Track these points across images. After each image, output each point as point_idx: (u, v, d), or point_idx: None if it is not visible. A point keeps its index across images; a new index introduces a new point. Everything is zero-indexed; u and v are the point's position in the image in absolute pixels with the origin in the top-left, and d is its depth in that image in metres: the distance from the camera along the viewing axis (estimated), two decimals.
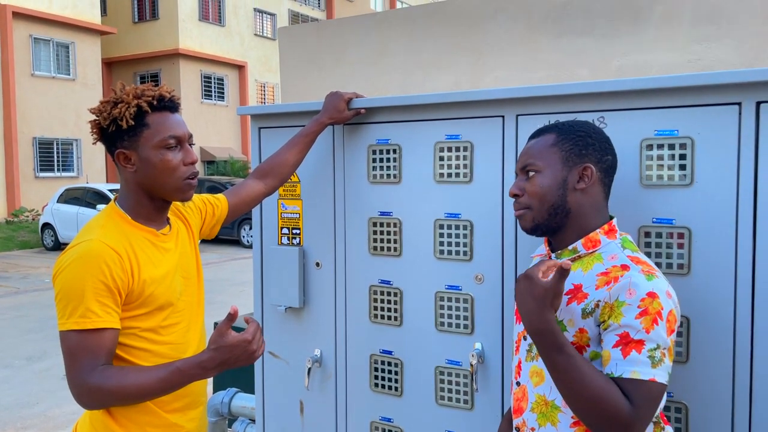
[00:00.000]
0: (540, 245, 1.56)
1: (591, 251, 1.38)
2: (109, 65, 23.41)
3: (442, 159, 1.86)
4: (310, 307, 2.13)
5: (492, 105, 1.78)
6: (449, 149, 1.85)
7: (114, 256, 1.44)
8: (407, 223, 1.93)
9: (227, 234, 14.41)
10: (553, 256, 1.44)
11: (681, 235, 1.55)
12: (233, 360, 1.39)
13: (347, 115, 1.96)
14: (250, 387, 2.46)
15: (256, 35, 25.77)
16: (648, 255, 1.56)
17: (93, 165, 19.85)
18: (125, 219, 1.55)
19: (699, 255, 1.53)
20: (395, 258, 1.95)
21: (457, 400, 1.88)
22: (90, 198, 14.05)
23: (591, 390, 1.20)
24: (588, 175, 1.38)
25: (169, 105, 1.56)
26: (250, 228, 14.47)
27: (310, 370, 2.09)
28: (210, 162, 23.03)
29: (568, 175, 1.38)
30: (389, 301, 1.97)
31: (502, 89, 1.75)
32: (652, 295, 1.24)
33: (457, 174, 1.84)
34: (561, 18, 2.28)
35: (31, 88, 18.23)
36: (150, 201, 1.58)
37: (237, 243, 14.73)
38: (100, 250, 1.43)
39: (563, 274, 1.20)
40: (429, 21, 2.58)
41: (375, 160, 1.98)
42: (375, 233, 1.98)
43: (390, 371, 1.99)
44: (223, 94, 24.56)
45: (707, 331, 1.53)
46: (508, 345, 1.79)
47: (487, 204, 1.80)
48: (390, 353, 1.99)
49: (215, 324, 1.83)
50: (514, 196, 1.44)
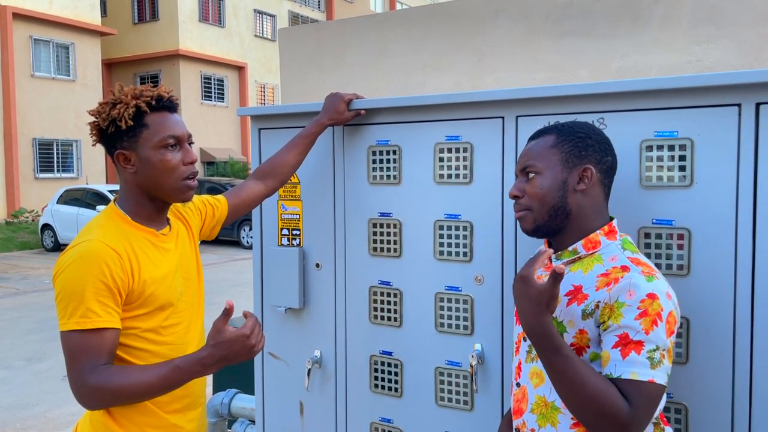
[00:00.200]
0: (540, 246, 1.56)
1: (591, 252, 1.38)
2: (109, 66, 23.42)
3: (442, 160, 1.86)
4: (310, 308, 2.13)
5: (492, 106, 1.78)
6: (449, 150, 1.85)
7: (114, 255, 1.44)
8: (407, 224, 1.93)
9: (227, 235, 14.42)
10: (553, 257, 1.44)
11: (681, 236, 1.55)
12: (233, 356, 1.39)
13: (347, 116, 1.96)
14: (250, 388, 2.46)
15: (256, 36, 25.79)
16: (648, 256, 1.56)
17: (93, 166, 19.85)
18: (125, 219, 1.55)
19: (699, 256, 1.53)
20: (395, 259, 1.95)
21: (457, 401, 1.88)
22: (90, 199, 14.06)
23: (589, 391, 1.20)
24: (588, 177, 1.37)
25: (168, 105, 1.56)
26: (249, 229, 14.47)
27: (310, 371, 2.09)
28: (210, 163, 23.03)
29: (568, 177, 1.38)
30: (389, 302, 1.97)
31: (502, 90, 1.75)
32: (652, 297, 1.24)
33: (457, 175, 1.84)
34: (561, 19, 2.28)
35: (31, 89, 18.23)
36: (150, 201, 1.58)
37: (237, 244, 14.73)
38: (99, 250, 1.43)
39: (557, 278, 1.19)
40: (429, 22, 2.58)
41: (375, 161, 1.98)
42: (375, 234, 1.98)
43: (390, 372, 1.99)
44: (223, 95, 24.57)
45: (707, 332, 1.53)
46: (507, 346, 1.79)
47: (487, 205, 1.80)
48: (390, 354, 1.99)
49: None
50: (514, 197, 1.44)
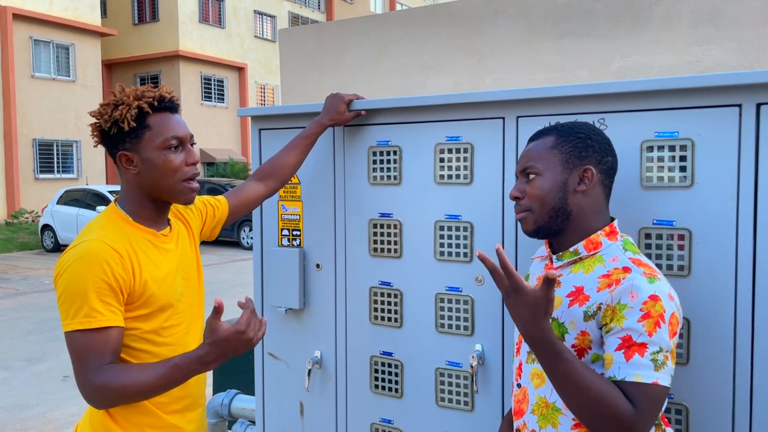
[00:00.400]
0: (541, 247, 1.56)
1: (592, 253, 1.37)
2: (109, 67, 23.42)
3: (442, 160, 1.86)
4: (310, 309, 2.13)
5: (492, 106, 1.78)
6: (450, 151, 1.85)
7: (115, 255, 1.44)
8: (407, 225, 1.93)
9: (227, 235, 14.42)
10: (554, 257, 1.44)
11: (681, 237, 1.55)
12: (231, 351, 1.37)
13: (347, 117, 1.96)
14: (250, 388, 2.46)
15: (256, 37, 25.79)
16: (648, 256, 1.56)
17: (93, 166, 19.85)
18: (126, 220, 1.55)
19: (699, 257, 1.53)
20: (395, 259, 1.95)
21: (458, 401, 1.88)
22: (90, 199, 14.06)
23: (592, 394, 1.20)
24: (588, 177, 1.37)
25: (170, 106, 1.56)
26: (250, 229, 14.47)
27: (310, 371, 2.09)
28: (210, 164, 23.03)
29: (568, 178, 1.37)
30: (389, 303, 1.97)
31: (502, 91, 1.75)
32: (654, 298, 1.24)
33: (458, 175, 1.84)
34: (561, 20, 2.28)
35: (31, 89, 18.23)
36: (151, 202, 1.58)
37: (237, 245, 14.72)
38: (100, 249, 1.43)
39: (550, 283, 1.18)
40: (429, 22, 2.58)
41: (375, 161, 1.98)
42: (375, 235, 1.98)
43: (390, 373, 1.99)
44: (223, 95, 24.57)
45: (708, 333, 1.53)
46: (508, 346, 1.79)
47: (488, 205, 1.80)
48: (390, 355, 1.99)
49: None
50: (514, 198, 1.44)
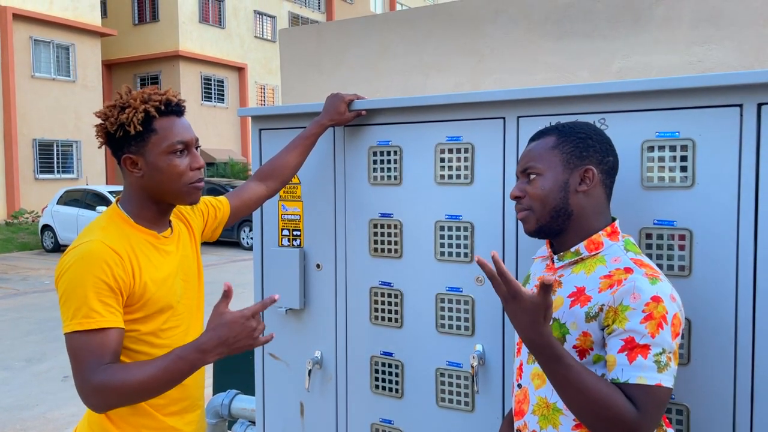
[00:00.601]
0: (542, 247, 1.56)
1: (593, 254, 1.37)
2: (109, 67, 23.42)
3: (443, 161, 1.86)
4: (310, 309, 2.13)
5: (493, 107, 1.78)
6: (450, 151, 1.85)
7: (115, 256, 1.43)
8: (408, 225, 1.93)
9: (227, 236, 14.41)
10: (555, 257, 1.43)
11: (682, 237, 1.55)
12: (232, 340, 1.35)
13: (348, 117, 1.96)
14: (250, 389, 2.46)
15: (256, 37, 25.79)
16: (649, 257, 1.56)
17: (93, 167, 19.84)
18: (127, 221, 1.55)
19: (700, 257, 1.53)
20: (396, 260, 1.95)
21: (458, 402, 1.87)
22: (90, 200, 14.05)
23: (594, 398, 1.20)
24: (590, 177, 1.37)
25: (176, 109, 1.55)
26: (250, 230, 14.47)
27: (310, 371, 2.09)
28: (210, 164, 23.02)
29: (569, 178, 1.37)
30: (390, 303, 1.97)
31: (503, 91, 1.75)
32: (656, 299, 1.23)
33: (458, 176, 1.84)
34: (561, 20, 2.28)
35: (31, 89, 18.23)
36: (154, 204, 1.57)
37: (237, 245, 14.72)
38: (100, 250, 1.42)
39: (547, 289, 1.18)
40: (429, 23, 2.58)
41: (376, 161, 1.97)
42: (376, 235, 1.98)
43: (390, 373, 1.98)
44: (223, 96, 24.57)
45: (708, 333, 1.53)
46: (508, 347, 1.79)
47: (488, 206, 1.80)
48: (390, 355, 1.98)
49: None
50: (515, 198, 1.44)
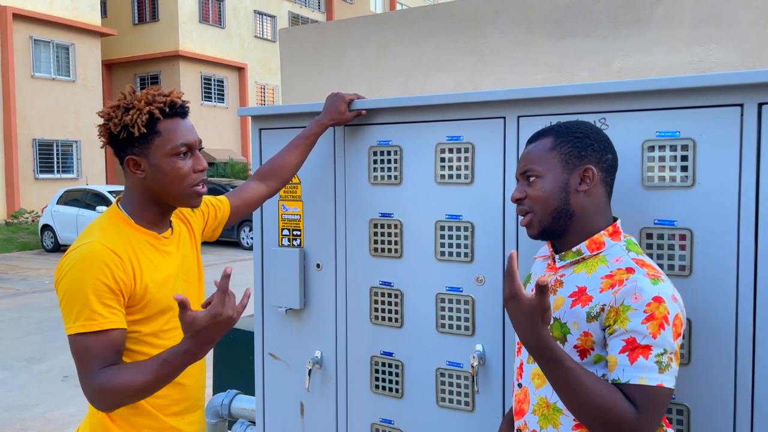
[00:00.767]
0: (543, 246, 1.56)
1: (595, 253, 1.37)
2: (109, 67, 23.42)
3: (443, 160, 1.86)
4: (310, 309, 2.13)
5: (493, 106, 1.77)
6: (450, 150, 1.85)
7: (115, 258, 1.43)
8: (408, 225, 1.93)
9: (227, 236, 14.41)
10: (557, 257, 1.43)
11: (683, 237, 1.54)
12: (216, 335, 1.34)
13: (348, 117, 1.96)
14: (250, 389, 2.45)
15: (256, 37, 25.79)
16: (649, 256, 1.55)
17: (93, 167, 19.84)
18: (127, 222, 1.54)
19: (701, 257, 1.53)
20: (396, 259, 1.95)
21: (458, 401, 1.87)
22: (90, 200, 14.05)
23: (593, 399, 1.19)
24: (590, 177, 1.36)
25: (180, 111, 1.54)
26: (249, 230, 14.47)
27: (310, 371, 2.08)
28: (210, 164, 23.01)
29: (569, 178, 1.37)
30: (390, 303, 1.97)
31: (503, 90, 1.75)
32: (658, 300, 1.23)
33: (458, 175, 1.84)
34: (562, 20, 2.28)
35: (31, 89, 18.23)
36: (156, 206, 1.57)
37: (237, 245, 14.72)
38: (100, 252, 1.42)
39: (543, 290, 1.18)
40: (430, 23, 2.58)
41: (376, 161, 1.97)
42: (376, 235, 1.98)
43: (391, 373, 1.98)
44: (223, 95, 24.57)
45: (709, 333, 1.52)
46: (509, 347, 1.79)
47: (489, 205, 1.79)
48: (391, 355, 1.98)
49: None
50: (516, 201, 1.43)
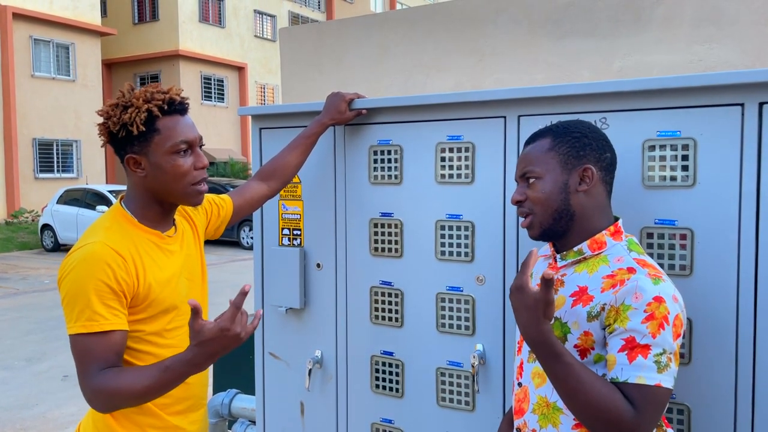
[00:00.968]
0: (544, 245, 1.56)
1: (596, 253, 1.37)
2: (109, 66, 23.41)
3: (443, 160, 1.86)
4: (310, 308, 2.13)
5: (494, 106, 1.77)
6: (451, 150, 1.85)
7: (118, 258, 1.42)
8: (408, 224, 1.93)
9: (227, 235, 14.39)
10: (558, 257, 1.43)
11: (683, 236, 1.54)
12: (221, 349, 1.33)
13: (348, 116, 1.96)
14: (250, 388, 2.45)
15: (256, 37, 25.79)
16: (650, 256, 1.55)
17: (93, 166, 19.84)
18: (131, 221, 1.54)
19: (701, 256, 1.53)
20: (396, 259, 1.95)
21: (458, 401, 1.87)
22: (90, 199, 14.05)
23: (592, 397, 1.19)
24: (589, 176, 1.36)
25: (180, 108, 1.53)
26: (249, 229, 14.47)
27: (310, 371, 2.08)
28: (210, 163, 22.78)
29: (568, 178, 1.36)
30: (390, 302, 1.96)
31: (504, 90, 1.75)
32: (658, 300, 1.23)
33: (459, 175, 1.84)
34: (562, 19, 2.28)
35: (31, 89, 18.22)
36: (158, 204, 1.56)
37: (237, 244, 14.72)
38: (103, 252, 1.41)
39: (548, 284, 1.18)
40: (430, 22, 2.58)
41: (376, 160, 1.97)
42: (376, 234, 1.98)
43: (391, 372, 1.98)
44: (223, 95, 24.57)
45: (710, 333, 1.52)
46: (509, 346, 1.79)
47: (489, 205, 1.79)
48: (391, 354, 1.98)
49: None
50: (516, 203, 1.43)
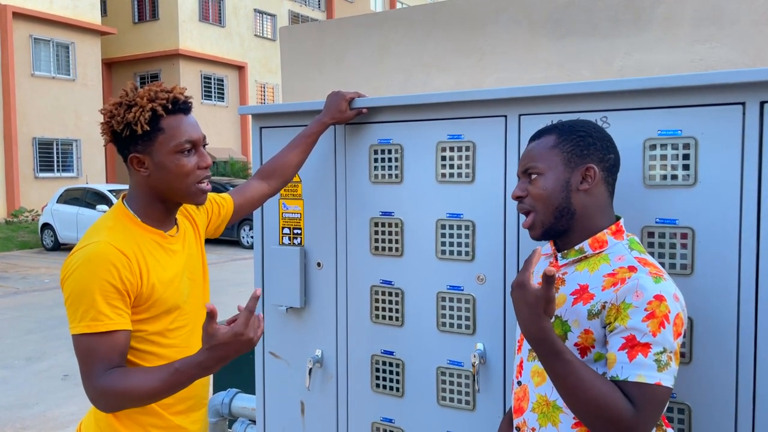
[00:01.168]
0: (545, 244, 1.56)
1: (597, 252, 1.36)
2: (109, 66, 23.41)
3: (444, 159, 1.86)
4: (311, 308, 2.12)
5: (494, 105, 1.77)
6: (451, 149, 1.84)
7: (122, 258, 1.42)
8: (409, 224, 1.92)
9: (227, 235, 14.39)
10: (559, 255, 1.43)
11: (684, 236, 1.54)
12: (233, 353, 1.34)
13: (349, 115, 1.95)
14: (250, 387, 2.45)
15: (256, 36, 25.78)
16: (651, 255, 1.55)
17: (93, 165, 19.84)
18: (133, 220, 1.53)
19: (702, 255, 1.53)
20: (397, 258, 1.95)
21: (459, 400, 1.87)
22: (90, 198, 14.05)
23: (591, 395, 1.19)
24: (591, 176, 1.36)
25: (183, 107, 1.52)
26: (250, 229, 14.47)
27: (311, 370, 2.08)
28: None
29: (570, 177, 1.37)
30: (391, 302, 1.96)
31: (504, 89, 1.75)
32: (659, 298, 1.23)
33: (459, 174, 1.83)
34: (563, 18, 2.28)
35: (31, 88, 18.22)
36: (161, 203, 1.56)
37: (237, 244, 14.72)
38: (107, 252, 1.41)
39: (549, 280, 1.18)
40: (430, 21, 2.57)
41: (377, 159, 1.97)
42: (376, 233, 1.98)
43: (391, 372, 1.98)
44: (223, 94, 24.56)
45: (710, 332, 1.52)
46: (509, 345, 1.79)
47: (490, 204, 1.79)
48: (391, 354, 1.98)
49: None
50: (517, 198, 1.43)
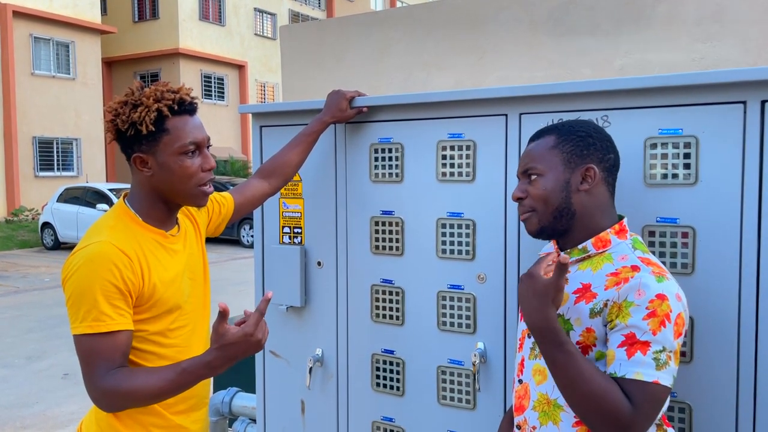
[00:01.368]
0: (548, 243, 1.55)
1: (601, 251, 1.36)
2: (109, 65, 23.40)
3: (444, 158, 1.85)
4: (311, 307, 2.12)
5: (495, 103, 1.77)
6: (452, 148, 1.84)
7: (124, 258, 1.42)
8: (409, 223, 1.92)
9: (227, 234, 14.40)
10: (562, 254, 1.42)
11: (685, 235, 1.54)
12: (241, 354, 1.35)
13: (349, 114, 1.95)
14: (251, 386, 2.45)
15: (256, 35, 25.77)
16: (652, 254, 1.55)
17: (93, 164, 19.84)
18: (135, 220, 1.53)
19: (703, 254, 1.53)
20: (397, 257, 1.95)
21: (459, 399, 1.87)
22: (90, 197, 14.05)
23: (590, 388, 1.19)
24: (591, 176, 1.36)
25: (189, 108, 1.51)
26: (250, 228, 14.48)
27: (311, 369, 2.08)
28: None
29: (570, 177, 1.37)
30: (391, 301, 1.96)
31: (505, 87, 1.74)
32: (661, 297, 1.23)
33: (460, 173, 1.83)
34: (563, 17, 2.27)
35: (31, 87, 18.21)
36: (163, 203, 1.55)
37: (237, 243, 14.72)
38: (109, 252, 1.41)
39: (562, 268, 1.19)
40: (430, 20, 2.57)
41: (377, 158, 1.97)
42: (377, 232, 1.97)
43: (392, 371, 1.98)
44: (223, 93, 24.55)
45: (711, 331, 1.52)
46: (510, 344, 1.79)
47: (490, 203, 1.79)
48: (392, 353, 1.98)
49: None
50: (517, 199, 1.43)
